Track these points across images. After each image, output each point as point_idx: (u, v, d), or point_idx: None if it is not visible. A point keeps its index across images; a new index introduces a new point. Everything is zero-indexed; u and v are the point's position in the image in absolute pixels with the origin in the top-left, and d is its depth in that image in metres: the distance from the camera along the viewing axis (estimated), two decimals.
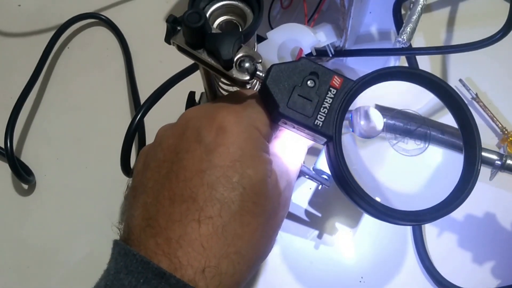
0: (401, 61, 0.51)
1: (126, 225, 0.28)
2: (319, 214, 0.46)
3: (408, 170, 0.30)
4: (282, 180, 0.30)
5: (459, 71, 0.51)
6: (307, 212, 0.46)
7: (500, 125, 0.48)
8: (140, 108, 0.38)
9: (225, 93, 0.35)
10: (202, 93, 0.42)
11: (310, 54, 0.42)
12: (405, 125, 0.31)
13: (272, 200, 0.28)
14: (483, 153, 0.31)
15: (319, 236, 0.45)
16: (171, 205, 0.26)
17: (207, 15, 0.30)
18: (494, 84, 0.51)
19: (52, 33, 0.54)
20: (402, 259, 0.44)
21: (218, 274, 0.25)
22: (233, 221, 0.26)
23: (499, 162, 0.33)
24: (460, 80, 0.50)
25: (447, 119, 0.31)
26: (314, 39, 0.40)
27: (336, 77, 0.29)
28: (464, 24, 0.54)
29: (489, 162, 0.33)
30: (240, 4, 0.30)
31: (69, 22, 0.55)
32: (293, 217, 0.46)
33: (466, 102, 0.30)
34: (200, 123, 0.28)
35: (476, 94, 0.49)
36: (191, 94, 0.40)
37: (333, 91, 0.29)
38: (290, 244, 0.45)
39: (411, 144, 0.30)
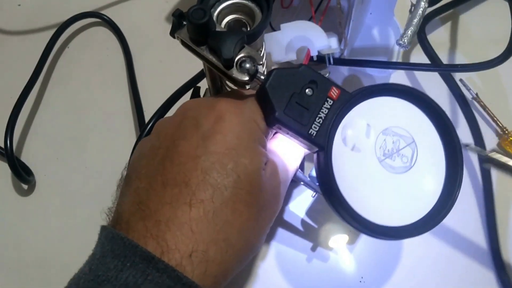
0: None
1: (115, 211, 0.28)
2: (320, 215, 0.46)
3: (392, 187, 0.31)
4: (276, 176, 0.30)
5: (460, 72, 0.51)
6: (307, 213, 0.46)
7: (500, 125, 0.48)
8: (146, 126, 0.39)
9: None
10: (206, 89, 0.42)
11: (311, 58, 0.42)
12: (395, 142, 0.31)
13: (266, 192, 0.28)
14: None
15: (319, 237, 0.45)
16: (163, 189, 0.26)
17: (216, 12, 0.30)
18: (494, 83, 0.51)
19: (52, 32, 0.54)
20: (402, 259, 0.44)
21: (205, 260, 0.25)
22: (224, 207, 0.26)
23: None
24: (461, 80, 0.50)
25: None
26: (326, 42, 0.40)
27: (334, 88, 0.29)
28: (469, 39, 0.54)
29: None
30: (249, 3, 0.30)
31: (69, 21, 0.55)
32: (293, 218, 0.46)
33: (453, 125, 0.31)
34: (199, 112, 0.28)
35: (477, 94, 0.49)
36: (196, 89, 0.40)
37: (330, 102, 0.29)
38: (290, 244, 0.45)
39: (397, 162, 0.31)
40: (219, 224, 0.25)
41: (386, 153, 0.31)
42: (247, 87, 0.30)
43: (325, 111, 0.29)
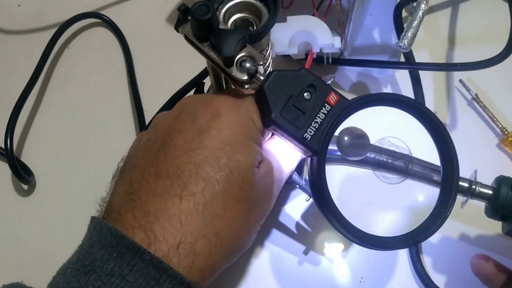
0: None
1: (108, 201, 0.28)
2: (315, 219, 0.45)
3: (384, 197, 0.31)
4: (270, 175, 0.30)
5: (460, 71, 0.51)
6: (302, 216, 0.46)
7: (500, 126, 0.48)
8: (147, 127, 0.39)
9: None
10: (210, 86, 0.42)
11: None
12: (390, 154, 0.31)
13: (257, 190, 0.28)
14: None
15: (314, 242, 0.44)
16: (156, 181, 0.26)
17: (223, 10, 0.30)
18: (494, 83, 0.51)
19: (52, 32, 0.54)
20: (402, 259, 0.44)
21: (193, 253, 0.25)
22: (215, 201, 0.26)
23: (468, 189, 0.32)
24: (460, 81, 0.50)
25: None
26: (330, 40, 0.40)
27: (333, 94, 0.29)
28: (468, 38, 0.54)
29: (459, 190, 0.32)
30: (257, 3, 0.30)
31: (69, 22, 0.55)
32: (288, 220, 0.45)
33: (450, 135, 0.31)
34: (196, 107, 0.29)
35: (476, 95, 0.49)
36: (200, 85, 0.41)
37: (328, 107, 0.29)
38: (283, 246, 0.44)
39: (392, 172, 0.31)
40: (209, 217, 0.25)
41: (381, 162, 0.31)
42: (246, 86, 0.30)
43: (322, 116, 0.29)
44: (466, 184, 0.32)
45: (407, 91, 0.51)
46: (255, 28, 0.31)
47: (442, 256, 0.44)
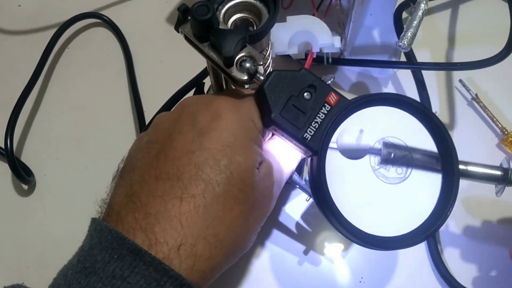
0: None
1: (108, 203, 0.28)
2: (315, 219, 0.45)
3: (385, 197, 0.31)
4: (270, 177, 0.30)
5: (460, 70, 0.51)
6: (302, 216, 0.46)
7: (500, 126, 0.48)
8: (147, 127, 0.39)
9: None
10: (210, 86, 0.42)
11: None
12: (391, 152, 0.31)
13: (258, 191, 0.28)
14: (486, 170, 0.31)
15: (314, 242, 0.44)
16: (156, 182, 0.26)
17: (223, 10, 0.30)
18: (494, 83, 0.51)
19: (52, 32, 0.54)
20: (402, 258, 0.44)
21: (193, 254, 0.25)
22: (215, 203, 0.26)
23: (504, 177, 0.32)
24: (460, 81, 0.50)
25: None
26: (330, 40, 0.40)
27: (333, 94, 0.29)
28: (467, 38, 0.54)
29: (494, 179, 0.32)
30: (257, 3, 0.30)
31: (69, 22, 0.55)
32: (288, 220, 0.45)
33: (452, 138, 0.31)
34: (197, 108, 0.29)
35: (476, 95, 0.49)
36: (200, 85, 0.41)
37: (327, 107, 0.29)
38: (284, 246, 0.44)
39: (392, 172, 0.31)
40: (209, 219, 0.25)
41: (380, 162, 0.31)
42: (246, 86, 0.30)
43: (322, 116, 0.29)
44: (500, 172, 0.32)
45: (408, 91, 0.51)
46: (255, 28, 0.31)
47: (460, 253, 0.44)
